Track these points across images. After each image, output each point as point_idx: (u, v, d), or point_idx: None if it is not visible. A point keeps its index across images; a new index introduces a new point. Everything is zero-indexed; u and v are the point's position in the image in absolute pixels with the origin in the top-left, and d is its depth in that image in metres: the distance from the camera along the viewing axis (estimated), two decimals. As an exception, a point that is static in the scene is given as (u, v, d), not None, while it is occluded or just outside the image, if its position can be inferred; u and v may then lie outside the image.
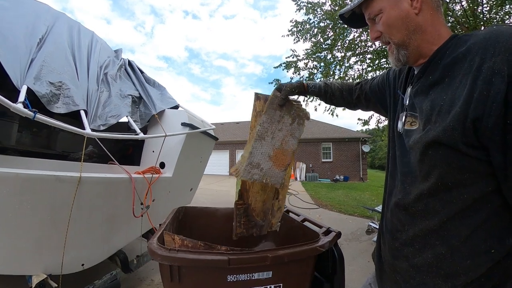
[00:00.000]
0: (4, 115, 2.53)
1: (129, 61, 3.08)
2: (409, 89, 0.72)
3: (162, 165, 2.35)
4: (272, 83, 7.91)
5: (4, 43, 1.56)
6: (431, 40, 0.64)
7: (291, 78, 7.90)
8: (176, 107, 2.86)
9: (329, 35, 6.97)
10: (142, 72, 3.05)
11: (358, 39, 6.84)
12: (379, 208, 3.98)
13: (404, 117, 0.71)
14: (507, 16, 5.86)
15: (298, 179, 16.80)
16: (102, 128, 1.96)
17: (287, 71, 7.78)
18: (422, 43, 0.65)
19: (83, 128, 1.61)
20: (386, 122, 7.41)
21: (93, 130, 1.78)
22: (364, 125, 8.29)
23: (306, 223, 1.98)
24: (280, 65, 7.65)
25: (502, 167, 0.49)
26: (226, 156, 19.55)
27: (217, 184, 12.31)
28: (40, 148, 2.73)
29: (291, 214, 2.16)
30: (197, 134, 2.70)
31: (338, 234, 1.15)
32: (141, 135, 1.93)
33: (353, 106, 1.09)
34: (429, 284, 0.60)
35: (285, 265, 0.93)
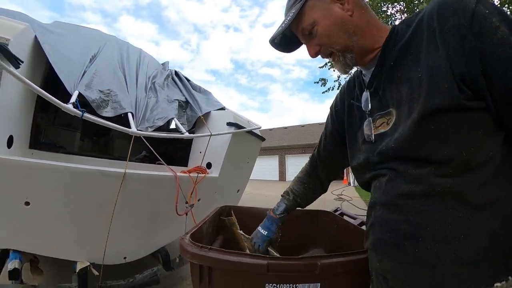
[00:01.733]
0: (68, 126, 2.94)
1: (175, 71, 3.25)
2: (366, 93, 0.69)
3: (209, 165, 2.36)
4: (317, 82, 7.61)
5: (61, 59, 1.76)
6: (373, 35, 0.64)
7: (338, 77, 7.50)
8: (222, 109, 2.88)
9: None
10: (188, 80, 3.18)
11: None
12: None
13: (370, 123, 0.66)
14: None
15: (351, 184, 15.71)
16: (149, 130, 2.04)
17: (334, 70, 7.41)
18: (365, 41, 0.64)
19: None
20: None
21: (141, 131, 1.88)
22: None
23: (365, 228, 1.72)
24: (326, 64, 7.35)
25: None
26: (275, 161, 19.52)
27: (266, 189, 12.27)
28: (99, 153, 3.04)
29: (345, 217, 1.93)
30: (243, 134, 2.66)
31: None
32: (186, 134, 1.95)
33: (326, 183, 1.07)
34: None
35: (337, 276, 0.76)
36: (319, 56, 0.70)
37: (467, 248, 0.47)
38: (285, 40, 0.73)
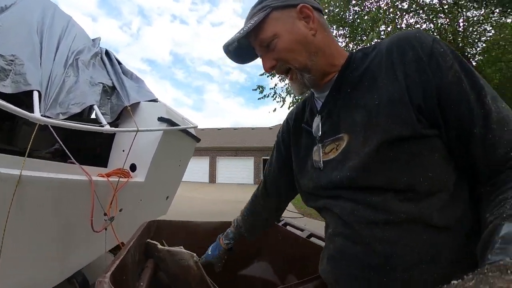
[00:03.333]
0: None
1: (106, 50, 2.71)
2: (317, 118, 0.68)
3: (133, 167, 1.94)
4: (256, 90, 7.89)
5: None
6: (332, 58, 0.64)
7: (275, 85, 7.94)
8: (154, 101, 2.48)
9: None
10: (120, 63, 2.68)
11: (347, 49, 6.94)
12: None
13: (320, 149, 0.65)
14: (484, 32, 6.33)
15: None
16: (61, 116, 1.60)
17: (271, 78, 7.82)
18: (324, 63, 0.63)
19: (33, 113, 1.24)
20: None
21: (48, 118, 1.42)
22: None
23: (313, 240, 1.65)
24: (265, 72, 7.68)
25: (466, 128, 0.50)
26: (206, 163, 19.04)
27: (196, 192, 11.78)
28: (-1, 143, 2.24)
29: (290, 228, 1.83)
30: (177, 133, 2.33)
31: None
32: (107, 127, 1.54)
33: (274, 212, 1.06)
34: None
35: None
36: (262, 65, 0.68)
37: (436, 270, 0.48)
38: (240, 50, 0.68)
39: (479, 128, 0.48)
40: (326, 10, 6.47)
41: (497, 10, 5.49)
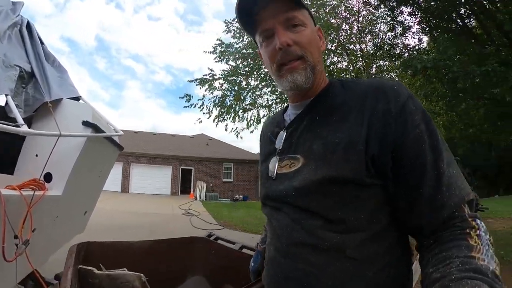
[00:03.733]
0: None
1: (29, 22, 2.12)
2: (282, 133, 0.72)
3: (48, 177, 1.61)
4: (183, 98, 7.64)
5: None
6: (320, 77, 0.68)
7: (203, 96, 7.86)
8: (77, 99, 2.13)
9: (249, 63, 7.36)
10: (42, 42, 2.14)
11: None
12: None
13: (276, 161, 0.69)
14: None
15: (198, 198, 16.04)
16: None
17: (200, 87, 7.74)
18: (318, 76, 0.67)
19: None
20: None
21: None
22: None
23: (245, 250, 1.78)
24: (196, 79, 7.55)
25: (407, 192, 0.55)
26: (119, 169, 16.81)
27: (111, 202, 10.26)
28: None
29: (222, 242, 1.90)
30: (100, 140, 2.05)
31: None
32: (25, 128, 1.27)
33: None
34: None
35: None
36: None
37: None
38: (252, 7, 0.64)
39: (429, 188, 0.52)
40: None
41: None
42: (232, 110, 8.01)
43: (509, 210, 8.99)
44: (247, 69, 7.50)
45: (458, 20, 6.05)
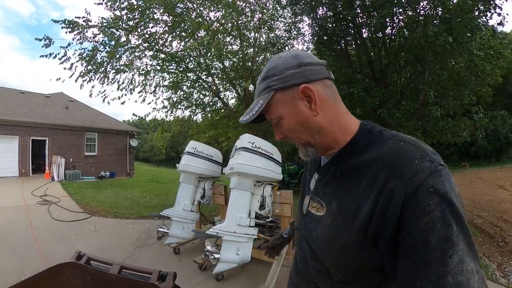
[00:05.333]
0: None
1: None
2: (316, 175, 0.74)
3: None
4: (41, 40, 5.61)
5: None
6: (335, 135, 0.65)
7: (69, 44, 5.95)
8: None
9: (135, 16, 6.08)
10: None
11: (162, 36, 6.49)
12: (165, 212, 3.86)
13: (308, 200, 0.75)
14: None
15: (56, 179, 12.04)
16: None
17: (68, 32, 5.82)
18: (326, 141, 0.66)
19: None
20: (156, 112, 7.41)
21: None
22: (140, 121, 7.93)
23: (125, 272, 1.31)
24: (65, 20, 5.66)
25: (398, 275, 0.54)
26: (15, 147, 10.36)
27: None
28: None
29: (95, 264, 1.31)
30: None
31: (175, 275, 1.07)
32: None
33: None
34: None
35: None
36: None
37: None
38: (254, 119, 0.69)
39: (429, 284, 0.47)
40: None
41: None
42: (103, 69, 6.33)
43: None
44: (131, 23, 6.08)
45: (342, 45, 7.17)
